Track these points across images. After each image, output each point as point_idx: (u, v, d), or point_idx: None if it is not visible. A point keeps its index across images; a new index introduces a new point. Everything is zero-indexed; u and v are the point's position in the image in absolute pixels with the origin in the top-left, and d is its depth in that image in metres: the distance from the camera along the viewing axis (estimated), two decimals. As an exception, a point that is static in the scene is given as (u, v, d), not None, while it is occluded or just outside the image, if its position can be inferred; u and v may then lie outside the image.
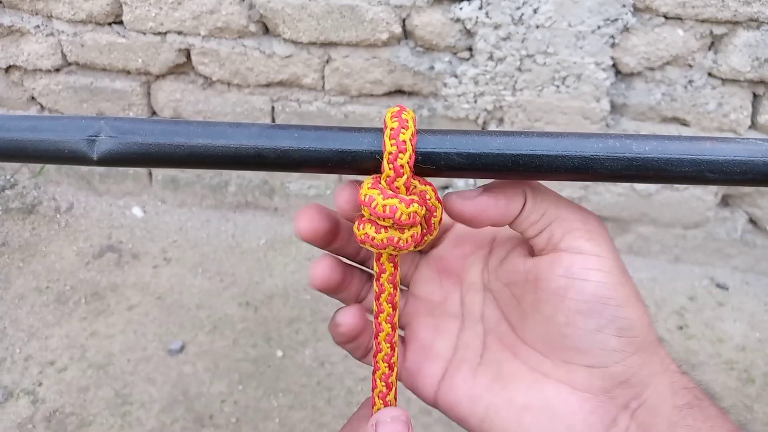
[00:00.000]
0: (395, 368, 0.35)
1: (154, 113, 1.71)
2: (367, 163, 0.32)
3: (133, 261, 1.63)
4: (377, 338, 0.35)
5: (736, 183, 0.31)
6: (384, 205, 0.31)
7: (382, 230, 0.32)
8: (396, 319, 0.35)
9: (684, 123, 1.46)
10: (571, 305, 0.31)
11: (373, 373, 0.35)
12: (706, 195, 1.53)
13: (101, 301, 1.51)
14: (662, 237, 1.62)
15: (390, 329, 0.35)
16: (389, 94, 1.54)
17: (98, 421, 1.25)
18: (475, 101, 1.48)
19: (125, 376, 1.33)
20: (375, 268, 0.35)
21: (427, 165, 0.32)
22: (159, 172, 1.79)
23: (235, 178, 1.76)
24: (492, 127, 1.52)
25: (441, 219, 0.34)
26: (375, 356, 0.35)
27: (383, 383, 0.35)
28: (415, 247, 0.34)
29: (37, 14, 1.58)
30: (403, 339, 0.39)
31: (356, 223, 0.33)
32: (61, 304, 1.50)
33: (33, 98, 1.74)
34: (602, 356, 0.30)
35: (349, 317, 0.36)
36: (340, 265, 0.37)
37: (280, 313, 1.49)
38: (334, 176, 1.71)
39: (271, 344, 1.41)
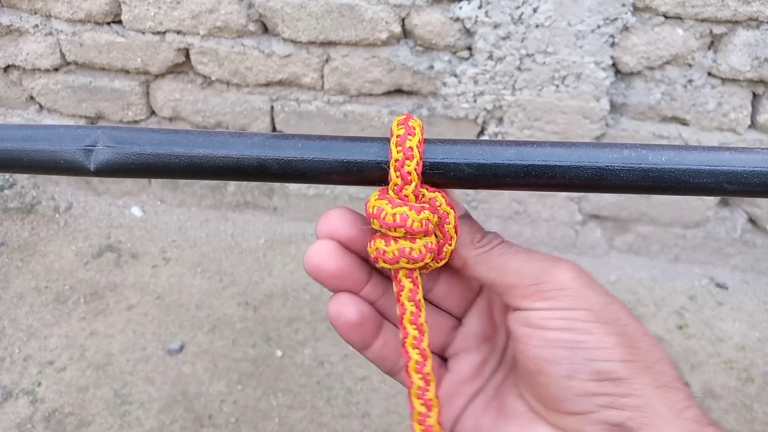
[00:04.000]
0: (433, 407, 0.31)
1: (153, 113, 1.71)
2: (373, 174, 0.31)
3: (132, 261, 1.63)
4: (407, 369, 0.32)
5: (755, 195, 0.29)
6: (394, 214, 0.30)
7: (393, 242, 0.30)
8: (425, 344, 0.32)
9: (684, 122, 1.46)
10: (537, 353, 0.30)
11: (411, 416, 0.32)
12: (710, 196, 1.53)
13: (100, 301, 1.51)
14: (662, 236, 1.62)
15: (419, 356, 0.31)
16: (389, 93, 1.54)
17: (97, 421, 1.25)
18: (475, 101, 1.48)
19: (124, 376, 1.33)
20: (394, 287, 0.32)
21: (436, 175, 0.31)
22: (158, 172, 1.79)
23: (235, 177, 1.76)
24: (491, 126, 1.52)
25: (455, 225, 0.32)
26: (408, 392, 0.32)
27: (422, 428, 0.31)
28: (434, 259, 0.32)
29: (35, 13, 1.57)
30: (445, 364, 0.37)
31: (369, 241, 0.32)
32: (60, 304, 1.50)
33: (32, 98, 1.74)
34: (582, 402, 0.29)
35: (345, 307, 0.33)
36: (344, 254, 0.33)
37: (280, 312, 1.49)
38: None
39: (270, 344, 1.41)
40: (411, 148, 0.30)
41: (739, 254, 1.61)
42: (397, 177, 0.30)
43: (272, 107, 1.61)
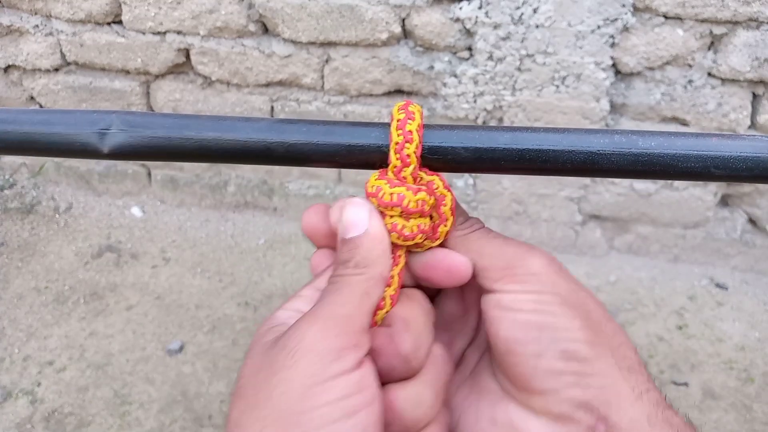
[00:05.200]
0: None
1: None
2: (374, 157, 0.32)
3: (132, 261, 1.62)
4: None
5: (742, 180, 0.30)
6: (391, 194, 0.31)
7: (387, 218, 0.32)
8: (378, 317, 0.33)
9: (684, 123, 1.46)
10: (507, 334, 0.31)
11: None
12: (705, 195, 1.53)
13: (100, 301, 1.51)
14: (662, 237, 1.62)
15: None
16: (389, 93, 1.54)
17: (97, 421, 1.25)
18: (475, 101, 1.48)
19: (124, 376, 1.33)
20: None
21: (434, 158, 0.32)
22: (158, 172, 1.79)
23: (234, 178, 1.76)
24: (491, 126, 1.52)
25: (452, 208, 0.33)
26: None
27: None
28: (429, 238, 0.33)
29: (36, 14, 1.57)
30: None
31: None
32: (60, 304, 1.50)
33: (32, 98, 1.74)
34: (550, 381, 0.30)
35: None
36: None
37: (280, 313, 1.49)
38: (333, 176, 1.71)
39: (270, 344, 1.41)
40: (411, 131, 0.31)
41: (738, 254, 1.61)
42: (396, 159, 0.31)
43: (272, 107, 1.61)
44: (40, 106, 1.75)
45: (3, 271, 1.59)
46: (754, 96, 1.41)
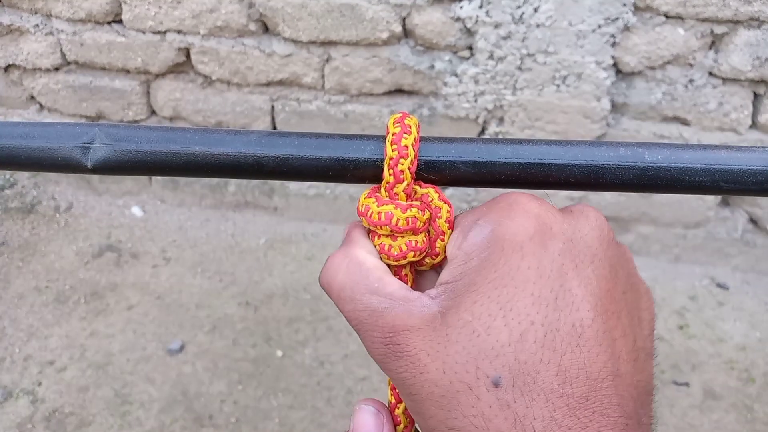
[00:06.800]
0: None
1: (153, 112, 1.71)
2: (369, 171, 0.31)
3: (132, 260, 1.62)
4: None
5: (751, 194, 0.29)
6: (379, 213, 0.29)
7: (376, 238, 0.30)
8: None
9: (684, 122, 1.45)
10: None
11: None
12: (706, 195, 1.53)
13: (101, 301, 1.51)
14: (662, 236, 1.62)
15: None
16: (389, 93, 1.54)
17: (98, 421, 1.25)
18: (476, 100, 1.47)
19: (125, 376, 1.33)
20: None
21: (431, 173, 0.30)
22: (158, 172, 1.79)
23: (235, 177, 1.76)
24: (492, 126, 1.51)
25: (448, 219, 0.31)
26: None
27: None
28: (428, 255, 0.31)
29: (36, 13, 1.57)
30: None
31: None
32: (61, 304, 1.50)
33: (32, 97, 1.74)
34: None
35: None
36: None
37: (280, 312, 1.49)
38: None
39: (270, 344, 1.41)
40: (406, 146, 0.30)
41: (739, 254, 1.60)
42: (390, 175, 0.30)
43: (273, 107, 1.61)
44: (41, 106, 1.75)
45: (4, 271, 1.59)
46: (756, 95, 1.41)
